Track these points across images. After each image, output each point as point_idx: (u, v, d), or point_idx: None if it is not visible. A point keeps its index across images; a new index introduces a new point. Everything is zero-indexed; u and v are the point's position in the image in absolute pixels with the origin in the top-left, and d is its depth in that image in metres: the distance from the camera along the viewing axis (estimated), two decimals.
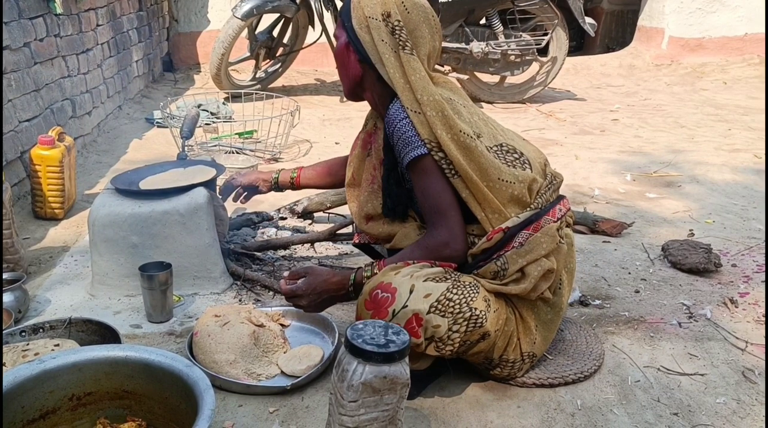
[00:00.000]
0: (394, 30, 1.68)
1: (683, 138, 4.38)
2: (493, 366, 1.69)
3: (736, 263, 2.47)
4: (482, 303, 1.56)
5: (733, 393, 1.72)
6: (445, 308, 1.52)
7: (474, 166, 1.63)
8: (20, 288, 2.03)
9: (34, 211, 2.82)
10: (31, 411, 1.37)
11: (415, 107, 1.65)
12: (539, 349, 1.73)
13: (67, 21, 3.67)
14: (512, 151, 1.72)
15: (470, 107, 1.75)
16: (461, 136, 1.63)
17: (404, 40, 1.68)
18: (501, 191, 1.65)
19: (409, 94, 1.66)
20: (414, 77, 1.66)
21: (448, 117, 1.63)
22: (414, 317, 1.51)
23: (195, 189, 2.17)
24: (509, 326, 1.65)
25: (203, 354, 1.76)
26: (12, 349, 1.59)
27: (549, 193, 1.74)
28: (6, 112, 2.87)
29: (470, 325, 1.53)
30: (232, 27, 4.83)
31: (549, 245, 1.64)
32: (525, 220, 1.65)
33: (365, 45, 1.71)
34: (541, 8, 4.99)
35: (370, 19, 1.69)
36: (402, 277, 1.56)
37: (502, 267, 1.63)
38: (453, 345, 1.53)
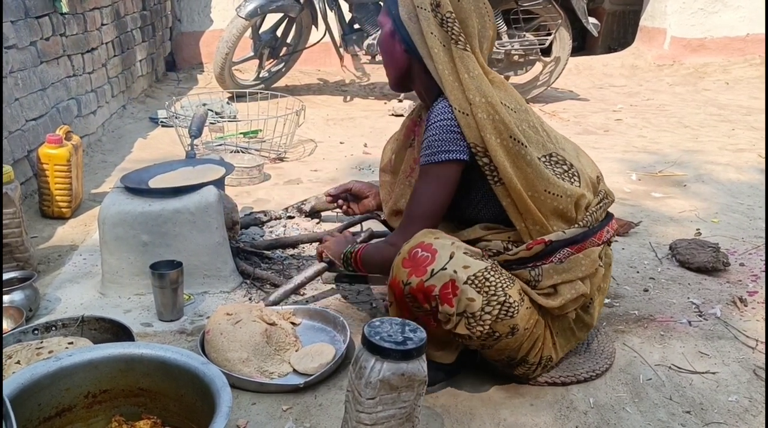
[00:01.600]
0: (444, 21, 1.59)
1: (687, 138, 4.38)
2: (513, 365, 1.67)
3: (744, 262, 2.48)
4: (517, 295, 1.53)
5: (745, 392, 1.73)
6: (481, 285, 1.48)
7: (521, 174, 1.58)
8: (31, 286, 2.03)
9: (42, 209, 2.82)
10: (47, 408, 1.37)
11: (464, 108, 1.58)
12: (557, 356, 1.72)
13: (73, 20, 3.67)
14: (562, 162, 1.65)
15: (522, 113, 1.64)
16: (511, 142, 1.57)
17: (457, 34, 1.59)
18: (545, 203, 1.59)
19: (458, 93, 1.59)
20: (466, 75, 1.59)
21: (500, 121, 1.56)
22: (451, 282, 1.47)
23: (205, 187, 2.17)
24: (538, 329, 1.62)
25: (216, 353, 1.76)
26: (26, 347, 1.59)
27: (599, 211, 1.68)
28: (13, 111, 2.88)
29: (502, 311, 1.50)
30: (236, 27, 4.84)
31: (588, 269, 1.60)
32: (570, 238, 1.60)
33: (413, 36, 1.64)
34: (544, 8, 4.99)
35: (419, 9, 1.61)
36: (443, 241, 1.53)
37: (536, 279, 1.59)
38: (483, 326, 1.49)
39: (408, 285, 1.53)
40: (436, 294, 1.49)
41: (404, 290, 1.54)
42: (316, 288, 2.25)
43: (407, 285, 1.53)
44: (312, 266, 2.12)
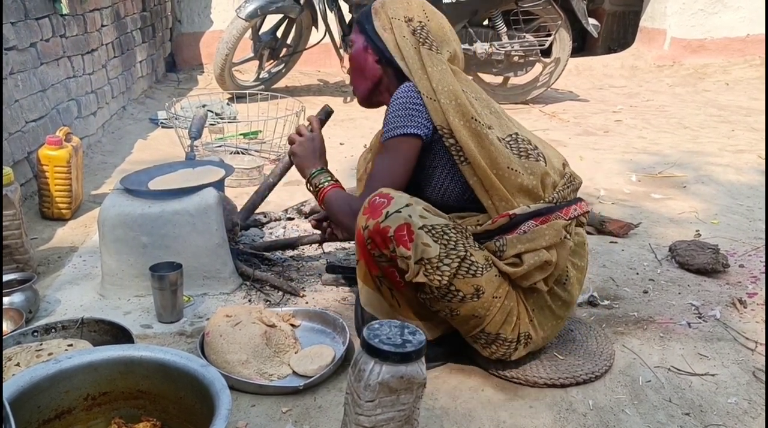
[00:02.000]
0: (415, 30, 1.76)
1: (687, 139, 4.38)
2: (489, 342, 1.69)
3: (743, 263, 2.48)
4: (482, 259, 1.60)
5: (744, 393, 1.73)
6: (439, 236, 1.56)
7: (484, 153, 1.67)
8: (31, 288, 2.03)
9: (42, 211, 2.82)
10: (46, 411, 1.37)
11: (430, 94, 1.70)
12: (538, 336, 1.72)
13: (73, 21, 3.68)
14: (526, 142, 1.75)
15: (483, 101, 1.78)
16: (473, 122, 1.68)
17: (424, 38, 1.76)
18: (510, 180, 1.68)
19: (426, 82, 1.72)
20: (432, 68, 1.72)
21: (462, 104, 1.68)
22: (406, 225, 1.54)
23: (205, 189, 2.18)
24: (510, 301, 1.65)
25: (215, 355, 1.76)
26: (25, 349, 1.59)
27: (567, 191, 1.75)
28: (13, 113, 2.88)
29: (463, 267, 1.55)
30: (236, 28, 4.84)
31: (552, 238, 1.65)
32: (534, 211, 1.67)
33: (387, 43, 1.78)
34: (544, 9, 4.99)
35: (393, 20, 1.78)
36: (401, 194, 1.63)
37: (500, 249, 1.65)
38: (442, 276, 1.54)
39: (366, 229, 1.60)
40: (391, 236, 1.55)
41: (364, 235, 1.61)
42: (315, 290, 2.25)
43: (366, 229, 1.61)
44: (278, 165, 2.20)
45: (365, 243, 1.62)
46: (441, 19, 1.83)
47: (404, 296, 1.67)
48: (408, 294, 1.66)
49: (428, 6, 1.84)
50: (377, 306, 1.72)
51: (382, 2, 1.82)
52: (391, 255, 1.58)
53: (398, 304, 1.70)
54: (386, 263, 1.62)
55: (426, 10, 1.82)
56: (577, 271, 1.77)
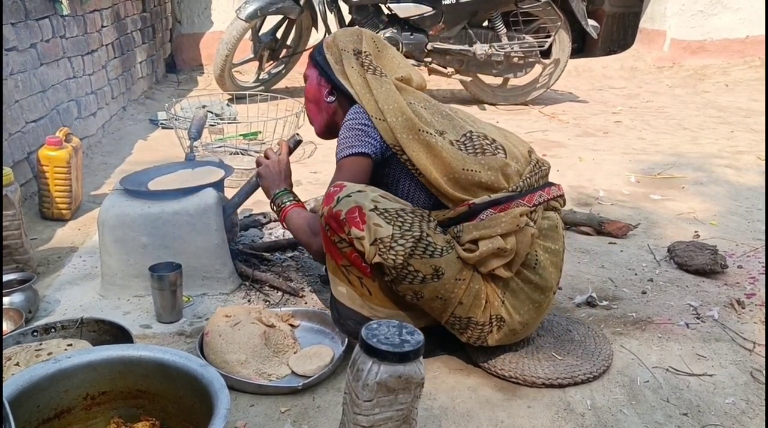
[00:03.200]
0: (363, 61, 1.88)
1: (686, 140, 4.39)
2: (463, 328, 1.71)
3: (742, 264, 2.48)
4: (441, 241, 1.64)
5: (742, 394, 1.73)
6: (392, 218, 1.61)
7: (437, 161, 1.72)
8: (30, 288, 2.04)
9: (41, 211, 2.83)
10: (46, 410, 1.37)
11: (378, 115, 1.78)
12: (513, 319, 1.72)
13: (73, 22, 3.68)
14: (482, 137, 1.78)
15: (432, 107, 1.84)
16: (421, 134, 1.73)
17: (371, 67, 1.87)
18: (468, 180, 1.71)
19: (373, 104, 1.80)
20: (378, 90, 1.81)
21: (408, 118, 1.75)
22: (357, 208, 1.61)
23: (204, 190, 2.18)
24: (475, 283, 1.67)
25: (214, 354, 1.77)
26: (25, 349, 1.59)
27: (534, 178, 1.78)
28: (13, 113, 2.88)
29: (419, 247, 1.60)
30: (236, 28, 4.85)
31: (508, 225, 1.66)
32: (494, 200, 1.70)
33: (337, 74, 1.90)
34: (544, 10, 4.99)
35: (343, 51, 1.90)
36: (355, 184, 1.70)
37: (457, 235, 1.68)
38: (396, 256, 1.58)
39: (323, 217, 1.68)
40: (343, 219, 1.62)
41: (322, 223, 1.69)
42: (315, 291, 2.25)
43: (322, 217, 1.68)
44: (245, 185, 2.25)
45: (325, 230, 1.69)
46: (392, 51, 1.94)
47: (374, 283, 1.70)
48: (377, 280, 1.69)
49: (380, 41, 1.95)
50: (349, 296, 1.75)
51: (333, 36, 1.95)
52: (348, 239, 1.63)
53: (369, 293, 1.72)
54: (348, 248, 1.66)
55: (377, 43, 1.93)
56: (550, 255, 1.77)
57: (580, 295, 2.21)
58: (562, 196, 1.86)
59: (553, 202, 1.81)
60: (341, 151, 1.81)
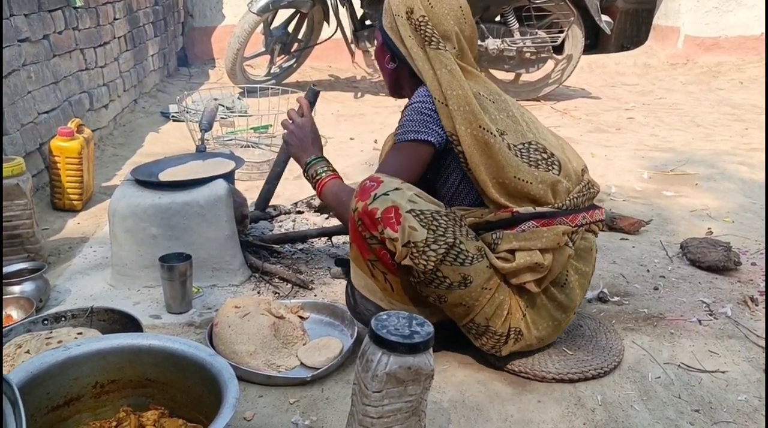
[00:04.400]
0: (418, 26, 1.74)
1: (700, 137, 4.35)
2: (480, 334, 1.68)
3: (755, 261, 2.46)
4: (473, 249, 1.59)
5: (755, 391, 1.71)
6: (428, 221, 1.55)
7: (491, 162, 1.66)
8: (41, 277, 2.04)
9: (53, 202, 2.84)
10: (56, 397, 1.38)
11: (441, 99, 1.69)
12: (529, 332, 1.70)
13: (86, 14, 3.69)
14: (541, 150, 1.72)
15: (500, 103, 1.76)
16: (480, 131, 1.66)
17: (430, 35, 1.73)
18: (516, 189, 1.67)
19: (436, 85, 1.71)
20: (441, 71, 1.70)
21: (470, 112, 1.66)
22: (393, 208, 1.55)
23: (215, 181, 2.18)
24: (501, 294, 1.64)
25: (223, 345, 1.76)
26: (35, 337, 1.60)
27: (580, 198, 1.73)
28: (26, 104, 2.90)
29: (451, 254, 1.55)
30: (248, 22, 4.85)
31: (549, 241, 1.63)
32: (538, 213, 1.66)
33: (395, 42, 1.79)
34: (557, 5, 4.96)
35: (396, 17, 1.76)
36: (393, 179, 1.63)
37: (495, 242, 1.65)
38: (428, 261, 1.54)
39: (356, 211, 1.61)
40: (378, 218, 1.56)
41: (354, 217, 1.63)
42: (324, 283, 2.25)
43: (355, 212, 1.62)
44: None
45: (356, 225, 1.63)
46: (444, 4, 1.76)
47: (398, 280, 1.67)
48: (401, 277, 1.65)
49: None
50: (370, 288, 1.72)
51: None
52: (380, 238, 1.59)
53: (391, 288, 1.69)
54: (377, 245, 1.62)
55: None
56: (579, 276, 1.75)
57: (591, 291, 2.19)
58: (602, 221, 1.81)
59: (594, 225, 1.78)
60: (405, 134, 1.72)
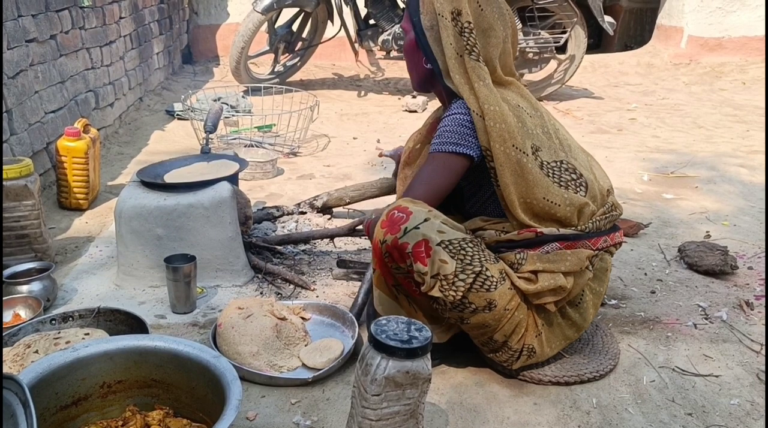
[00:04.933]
0: (463, 31, 1.67)
1: (701, 138, 4.37)
2: (495, 349, 1.71)
3: (752, 265, 2.48)
4: (497, 273, 1.60)
5: (747, 395, 1.74)
6: (456, 251, 1.56)
7: (521, 181, 1.65)
8: (49, 277, 2.08)
9: (59, 201, 2.88)
10: (64, 397, 1.42)
11: (479, 111, 1.66)
12: (542, 350, 1.74)
13: (92, 13, 3.73)
14: (572, 170, 1.72)
15: (537, 118, 1.74)
16: (513, 151, 1.64)
17: (472, 44, 1.68)
18: (543, 210, 1.67)
19: (473, 99, 1.67)
20: (478, 84, 1.67)
21: (505, 130, 1.64)
22: (423, 242, 1.55)
23: (219, 183, 2.22)
24: (520, 313, 1.66)
25: (227, 346, 1.80)
26: (44, 337, 1.64)
27: (603, 222, 1.73)
28: (33, 104, 2.93)
29: (478, 282, 1.56)
30: (253, 21, 4.88)
31: (572, 265, 1.65)
32: (561, 235, 1.67)
33: (432, 46, 1.72)
34: (560, 6, 4.98)
35: (439, 17, 1.69)
36: (420, 208, 1.62)
37: (519, 262, 1.66)
38: (456, 291, 1.55)
39: (384, 244, 1.61)
40: (409, 252, 1.56)
41: (382, 249, 1.62)
42: (326, 284, 2.28)
43: (384, 244, 1.61)
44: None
45: (383, 256, 1.63)
46: (494, 6, 1.71)
47: (419, 302, 1.69)
48: (423, 301, 1.67)
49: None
50: (393, 310, 1.73)
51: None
52: (407, 269, 1.60)
53: (415, 310, 1.71)
54: (402, 275, 1.64)
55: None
56: (594, 296, 1.78)
57: None
58: (622, 243, 1.84)
59: (613, 247, 1.79)
60: (443, 145, 1.69)
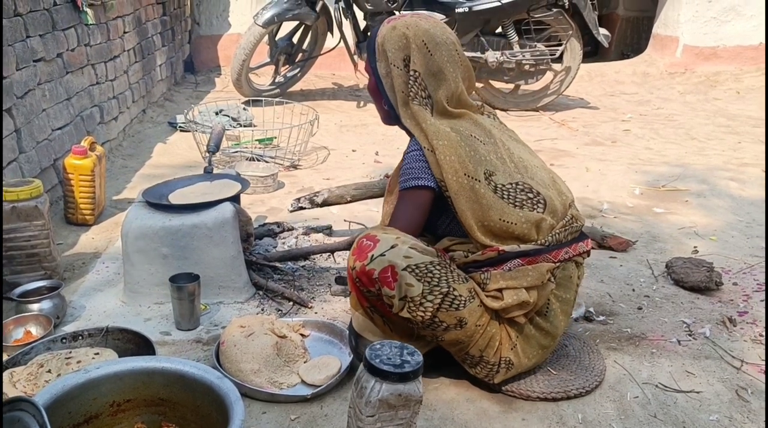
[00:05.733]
0: (410, 78, 1.84)
1: (693, 151, 4.45)
2: (474, 364, 1.81)
3: (737, 281, 2.57)
4: (465, 292, 1.71)
5: (726, 411, 1.83)
6: (422, 274, 1.67)
7: (476, 206, 1.77)
8: (59, 295, 2.17)
9: (66, 216, 2.96)
10: (76, 416, 1.50)
11: (429, 147, 1.81)
12: (519, 361, 1.82)
13: (97, 30, 3.81)
14: (527, 190, 1.82)
15: (491, 145, 1.84)
16: (465, 178, 1.77)
17: (416, 91, 1.84)
18: (501, 230, 1.78)
19: (423, 137, 1.83)
20: (425, 124, 1.82)
21: (456, 160, 1.77)
22: (390, 267, 1.66)
23: (222, 204, 2.30)
24: (491, 328, 1.77)
25: (229, 363, 1.89)
26: (55, 356, 1.73)
27: (563, 234, 1.84)
28: (40, 122, 3.02)
29: (446, 301, 1.67)
30: (254, 34, 4.96)
31: (534, 280, 1.75)
32: (522, 252, 1.77)
33: (388, 92, 1.92)
34: (556, 19, 5.07)
35: (393, 67, 1.86)
36: (388, 235, 1.74)
37: (484, 281, 1.77)
38: (425, 312, 1.66)
39: (354, 270, 1.73)
40: (376, 278, 1.68)
41: (353, 274, 1.75)
42: (324, 300, 2.37)
43: (354, 270, 1.74)
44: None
45: (354, 281, 1.76)
46: (444, 51, 1.83)
47: (394, 322, 1.80)
48: (397, 320, 1.77)
49: (431, 39, 1.82)
50: (370, 329, 1.85)
51: (383, 39, 1.86)
52: (377, 293, 1.71)
53: (390, 329, 1.82)
54: (374, 297, 1.75)
55: (428, 43, 1.82)
56: (561, 303, 1.87)
57: (578, 309, 2.31)
58: (588, 252, 1.93)
59: (577, 257, 1.89)
60: (406, 181, 1.84)
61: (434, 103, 1.84)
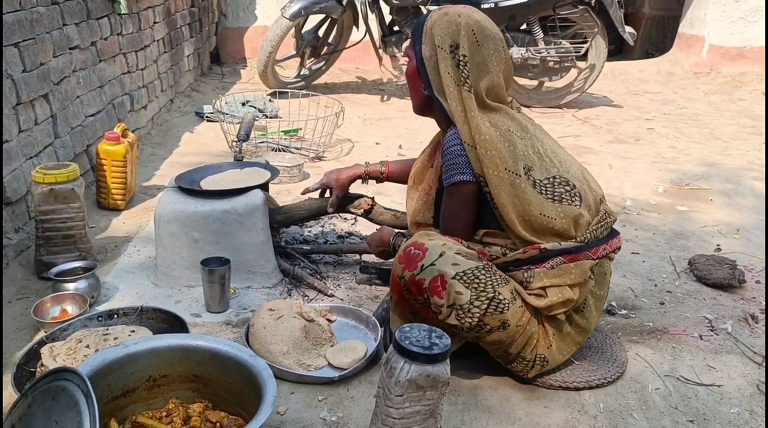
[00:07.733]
0: (459, 64, 1.81)
1: (717, 150, 4.44)
2: (510, 360, 1.84)
3: (759, 279, 2.58)
4: (508, 294, 1.73)
5: (747, 405, 1.85)
6: (470, 281, 1.69)
7: (517, 201, 1.77)
8: (94, 275, 2.24)
9: (98, 201, 3.04)
10: (115, 389, 1.56)
11: (470, 142, 1.80)
12: (553, 358, 1.86)
13: (129, 20, 3.88)
14: (564, 183, 1.83)
15: (527, 139, 1.85)
16: (505, 173, 1.77)
17: (465, 77, 1.81)
18: (541, 225, 1.79)
19: (466, 130, 1.81)
20: (471, 115, 1.80)
21: (496, 155, 1.77)
22: (439, 277, 1.69)
23: (252, 190, 2.36)
24: (531, 326, 1.79)
25: (259, 345, 1.94)
26: (93, 333, 1.79)
27: (599, 230, 1.86)
28: (75, 108, 3.10)
29: (491, 306, 1.69)
30: (280, 27, 5.01)
31: (577, 278, 1.78)
32: (564, 249, 1.79)
33: (430, 75, 1.87)
34: (581, 17, 5.06)
35: (439, 49, 1.83)
36: (435, 242, 1.76)
37: (527, 280, 1.79)
38: (472, 318, 1.68)
39: (402, 279, 1.76)
40: (426, 287, 1.70)
41: (400, 283, 1.77)
42: (350, 288, 2.42)
43: (402, 279, 1.76)
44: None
45: (401, 289, 1.79)
46: (491, 45, 1.83)
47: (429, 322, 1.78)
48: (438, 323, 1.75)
49: (481, 31, 1.82)
50: None
51: (432, 22, 1.84)
52: (424, 301, 1.74)
53: None
54: (420, 305, 1.79)
55: (477, 33, 1.81)
56: (595, 300, 1.90)
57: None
58: (620, 248, 1.95)
59: (611, 253, 1.91)
60: (449, 177, 1.84)
61: (475, 93, 1.83)
